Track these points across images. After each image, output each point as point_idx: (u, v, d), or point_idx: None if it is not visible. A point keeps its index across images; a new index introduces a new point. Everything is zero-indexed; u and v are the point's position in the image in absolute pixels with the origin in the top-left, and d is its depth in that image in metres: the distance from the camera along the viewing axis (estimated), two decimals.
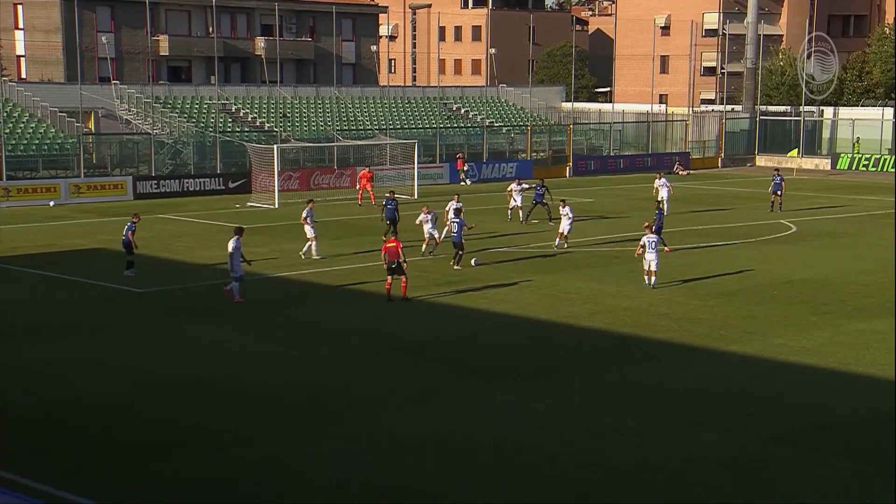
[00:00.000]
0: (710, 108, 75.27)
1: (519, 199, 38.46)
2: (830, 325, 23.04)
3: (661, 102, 75.04)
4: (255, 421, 16.59)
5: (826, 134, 70.07)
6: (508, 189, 39.55)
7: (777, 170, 46.12)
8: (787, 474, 14.66)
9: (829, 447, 15.71)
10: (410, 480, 14.32)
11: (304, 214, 30.43)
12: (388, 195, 34.02)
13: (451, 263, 28.78)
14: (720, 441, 15.90)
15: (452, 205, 31.14)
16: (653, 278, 26.66)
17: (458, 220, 29.14)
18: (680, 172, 61.01)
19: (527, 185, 39.51)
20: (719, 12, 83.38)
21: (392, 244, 24.66)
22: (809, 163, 65.02)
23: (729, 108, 72.37)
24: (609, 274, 28.74)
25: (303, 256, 30.11)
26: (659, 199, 40.70)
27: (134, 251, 27.57)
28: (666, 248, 30.09)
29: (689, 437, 16.06)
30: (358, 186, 44.76)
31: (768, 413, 17.22)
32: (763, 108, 70.32)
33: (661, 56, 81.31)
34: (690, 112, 70.21)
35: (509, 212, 38.78)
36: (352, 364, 19.96)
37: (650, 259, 26.63)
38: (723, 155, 67.89)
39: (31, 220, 38.72)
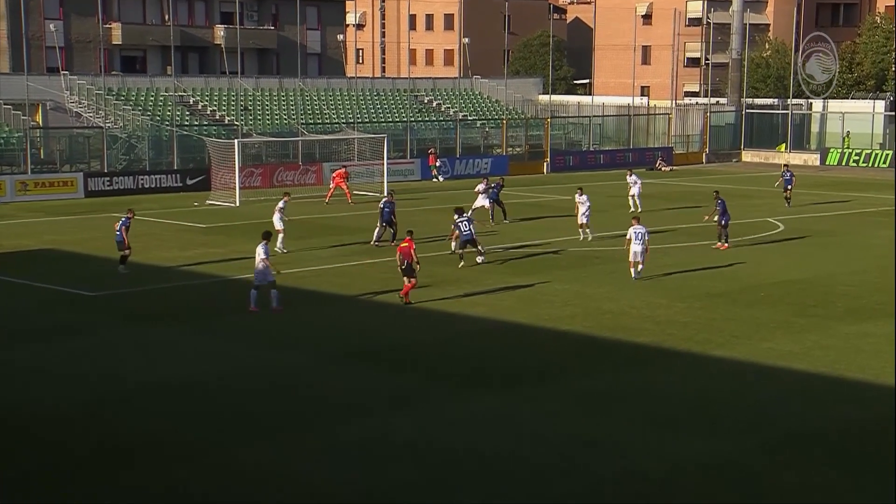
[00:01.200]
0: (693, 100, 75.87)
1: (486, 201, 37.87)
2: (819, 327, 23.30)
3: (642, 95, 75.56)
4: (219, 430, 16.58)
5: (815, 128, 70.81)
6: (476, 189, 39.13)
7: (786, 165, 47.29)
8: (776, 483, 14.83)
9: (819, 455, 15.91)
10: (385, 491, 14.38)
11: (279, 206, 31.50)
12: (386, 197, 33.85)
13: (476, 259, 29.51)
14: (706, 449, 16.06)
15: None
16: (639, 267, 27.63)
17: (465, 218, 29.42)
18: (663, 168, 61.41)
19: (487, 186, 38.67)
20: (703, 0, 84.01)
21: (406, 244, 24.77)
22: (798, 158, 65.63)
23: (713, 100, 72.95)
24: (589, 274, 28.92)
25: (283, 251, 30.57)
26: (630, 195, 41.37)
27: (128, 248, 27.93)
28: (720, 245, 32.47)
29: (674, 444, 16.21)
30: (332, 185, 44.53)
31: (755, 420, 17.41)
32: (749, 100, 70.98)
33: (643, 46, 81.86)
34: (673, 105, 70.72)
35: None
36: (320, 370, 19.99)
37: (636, 251, 27.32)
38: (707, 150, 68.44)
39: None
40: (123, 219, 28.33)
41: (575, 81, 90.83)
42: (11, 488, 14.14)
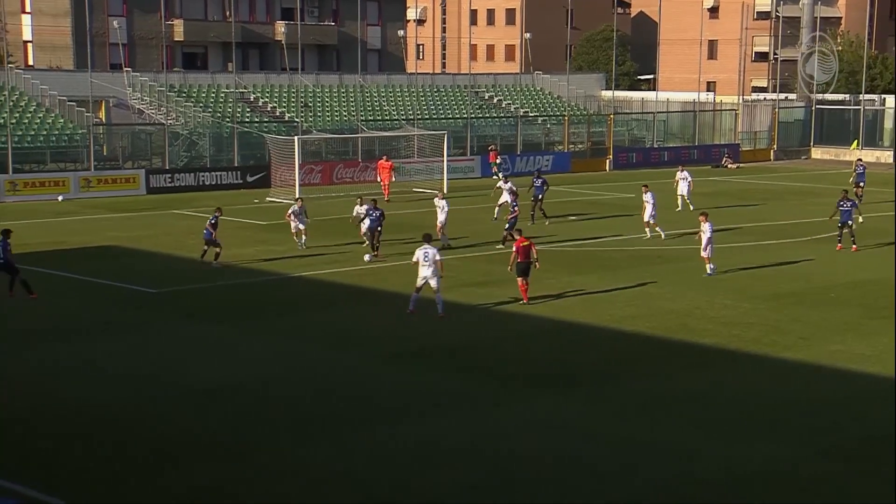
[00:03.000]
0: (761, 96, 74.81)
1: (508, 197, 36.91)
2: (891, 330, 22.85)
3: (708, 90, 74.68)
4: (268, 430, 16.68)
5: (888, 124, 69.38)
6: (497, 186, 38.77)
7: (860, 159, 46.34)
8: (843, 491, 14.58)
9: (886, 461, 15.60)
10: (437, 494, 14.36)
11: (289, 211, 31.74)
12: (369, 204, 31.27)
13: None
14: (771, 455, 15.82)
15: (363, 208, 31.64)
16: (706, 266, 28.09)
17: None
18: (729, 166, 60.72)
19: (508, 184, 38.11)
20: None
21: (525, 243, 24.43)
22: (870, 155, 64.41)
23: (782, 96, 71.90)
24: (652, 273, 28.67)
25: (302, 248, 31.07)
26: (679, 193, 40.97)
27: (218, 244, 28.73)
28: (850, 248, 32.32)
29: (738, 449, 16.00)
30: (379, 179, 44.66)
31: (824, 425, 17.13)
32: (819, 96, 69.80)
33: (709, 40, 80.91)
34: (741, 101, 69.81)
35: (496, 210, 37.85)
36: (373, 370, 20.03)
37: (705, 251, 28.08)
38: (776, 147, 67.48)
39: (39, 216, 39.14)
40: (213, 216, 29.08)
41: (639, 77, 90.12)
42: (66, 485, 14.35)
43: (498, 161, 53.42)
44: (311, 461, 15.39)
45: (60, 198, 43.43)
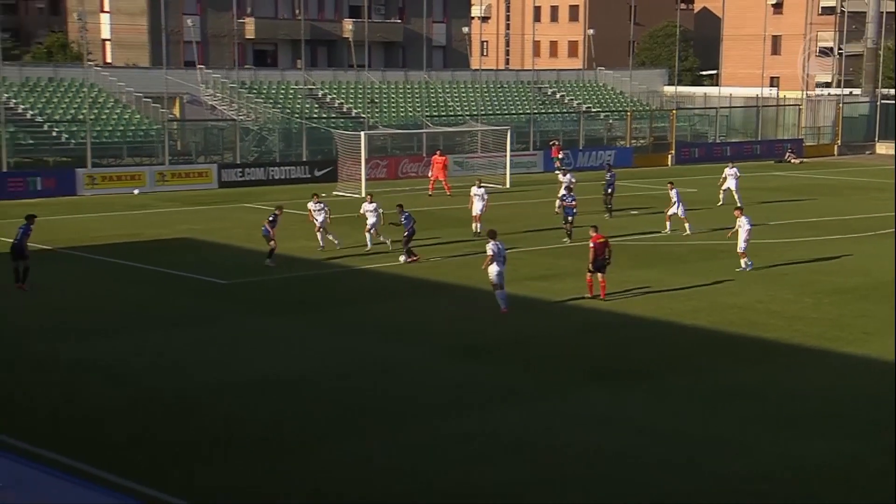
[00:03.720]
0: (825, 91, 73.50)
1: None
2: None
3: (771, 86, 73.52)
4: (328, 422, 16.70)
5: None
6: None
7: None
8: None
9: None
10: (497, 488, 14.29)
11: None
12: (398, 206, 29.97)
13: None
14: (833, 450, 15.53)
15: (365, 206, 30.85)
16: (741, 261, 27.61)
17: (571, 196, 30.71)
18: (792, 161, 59.80)
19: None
20: None
21: (602, 239, 24.12)
22: None
23: (847, 91, 70.56)
24: (713, 268, 28.30)
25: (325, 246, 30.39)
26: (724, 188, 40.40)
27: (272, 241, 28.04)
28: None
29: (799, 445, 15.71)
30: (430, 174, 44.59)
31: (886, 421, 16.75)
32: (885, 91, 68.34)
33: (773, 36, 79.58)
34: (804, 96, 68.63)
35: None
36: (433, 364, 19.96)
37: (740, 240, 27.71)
38: (839, 142, 66.24)
39: (115, 209, 39.75)
40: (272, 215, 28.74)
41: (701, 72, 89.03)
42: (140, 472, 14.54)
43: (560, 156, 53.20)
44: (366, 454, 15.37)
45: (136, 191, 44.01)
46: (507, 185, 46.19)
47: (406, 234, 28.68)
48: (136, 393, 18.11)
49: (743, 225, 27.70)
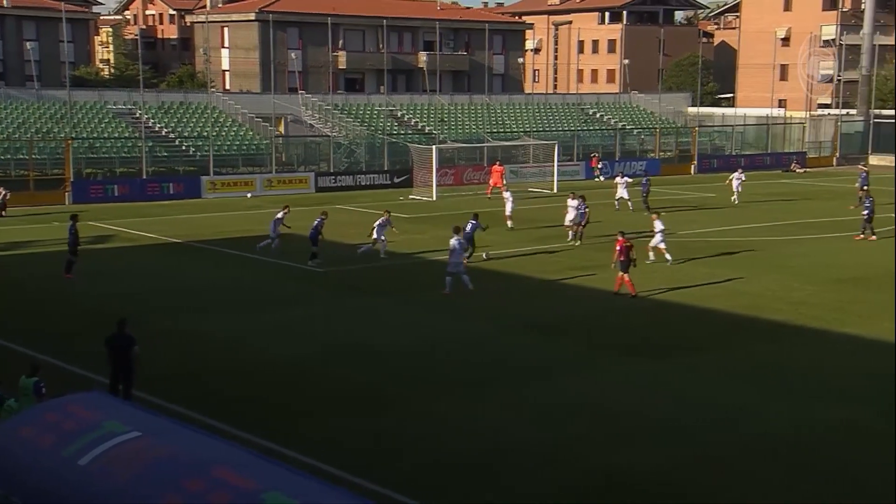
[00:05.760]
0: (826, 112, 71.81)
1: (625, 192, 38.32)
2: None
3: (780, 107, 72.04)
4: (416, 386, 16.78)
5: None
6: (615, 183, 39.74)
7: (864, 166, 44.60)
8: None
9: None
10: (554, 442, 14.28)
11: (278, 215, 28.61)
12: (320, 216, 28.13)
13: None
14: (834, 415, 15.26)
15: (379, 221, 28.49)
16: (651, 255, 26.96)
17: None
18: (797, 170, 58.62)
19: (630, 179, 38.80)
20: (837, 24, 79.44)
21: (628, 244, 23.43)
22: None
23: (844, 111, 68.88)
24: (728, 261, 27.85)
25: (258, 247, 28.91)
26: (734, 188, 40.28)
27: (316, 244, 27.16)
28: (867, 237, 30.91)
29: (805, 411, 15.46)
30: (490, 181, 44.17)
31: (880, 389, 16.40)
32: (877, 111, 66.60)
33: (781, 65, 77.94)
34: (808, 116, 67.18)
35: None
36: (504, 338, 19.91)
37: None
38: (838, 155, 64.75)
39: (232, 209, 40.21)
40: (318, 219, 27.49)
41: (719, 96, 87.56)
42: (253, 425, 14.73)
43: (599, 166, 52.88)
44: (451, 413, 15.41)
45: (249, 195, 44.45)
46: (555, 190, 45.90)
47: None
48: (253, 358, 18.30)
49: (657, 227, 26.83)
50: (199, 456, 8.52)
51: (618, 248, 23.59)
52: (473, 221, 27.27)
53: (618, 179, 40.42)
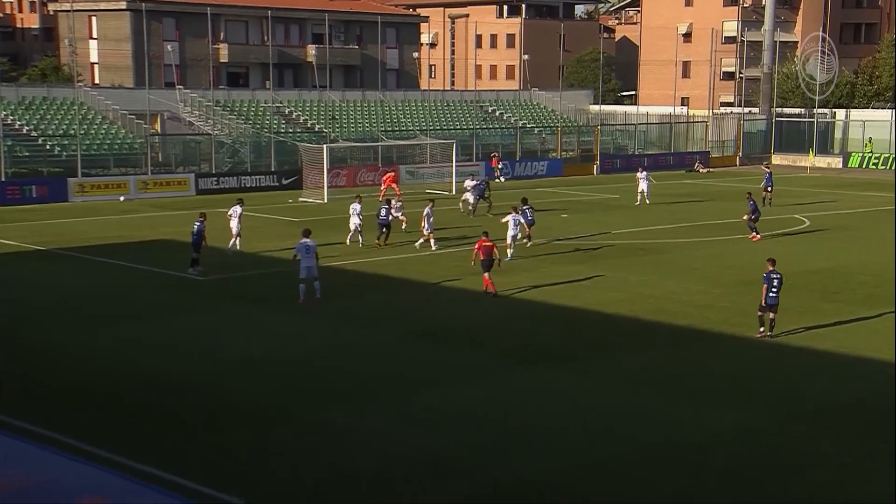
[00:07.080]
0: (728, 110, 74.43)
1: (645, 185, 41.35)
2: (842, 312, 22.73)
3: (682, 105, 74.31)
4: (304, 398, 16.64)
5: (838, 134, 69.09)
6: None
7: (767, 166, 46.66)
8: (804, 448, 14.50)
9: (840, 425, 15.52)
10: (446, 452, 14.31)
11: (229, 212, 29.62)
12: (385, 205, 31.24)
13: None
14: (741, 419, 15.75)
15: (426, 211, 30.05)
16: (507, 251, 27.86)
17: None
18: (700, 170, 60.47)
19: (476, 181, 39.33)
20: (738, 21, 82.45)
21: (488, 243, 23.98)
22: (822, 161, 64.18)
23: (747, 110, 71.51)
24: (632, 264, 28.54)
25: (230, 253, 29.04)
26: (639, 190, 41.92)
27: (200, 249, 26.61)
28: (753, 236, 32.17)
29: (712, 415, 15.92)
30: (383, 186, 44.00)
31: (784, 394, 17.04)
32: (779, 110, 69.42)
33: (683, 61, 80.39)
34: (710, 114, 69.49)
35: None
36: (394, 347, 19.95)
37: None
38: (741, 154, 67.16)
39: (103, 214, 39.12)
40: (196, 223, 26.77)
41: (622, 93, 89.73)
42: (138, 448, 14.33)
43: (499, 166, 53.39)
44: (342, 424, 15.34)
45: (122, 198, 43.38)
46: (453, 192, 46.16)
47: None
48: (130, 378, 17.81)
49: (510, 222, 28.26)
50: (67, 485, 8.17)
51: (477, 247, 24.11)
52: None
53: (639, 174, 42.32)
